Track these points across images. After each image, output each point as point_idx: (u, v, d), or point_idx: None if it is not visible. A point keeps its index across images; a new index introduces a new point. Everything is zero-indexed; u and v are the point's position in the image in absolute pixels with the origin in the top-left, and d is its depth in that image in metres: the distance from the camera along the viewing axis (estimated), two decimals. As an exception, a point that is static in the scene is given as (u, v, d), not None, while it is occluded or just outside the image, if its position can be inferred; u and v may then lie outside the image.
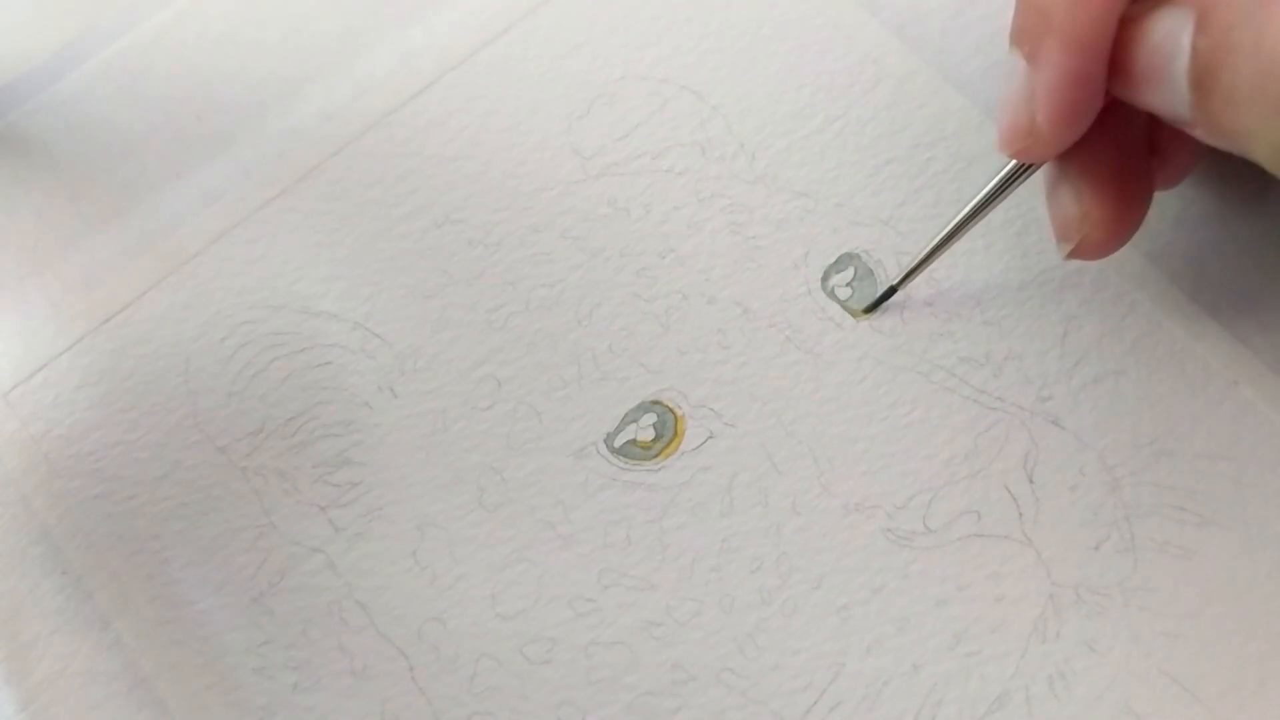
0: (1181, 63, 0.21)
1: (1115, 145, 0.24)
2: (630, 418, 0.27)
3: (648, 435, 0.27)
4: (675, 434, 0.27)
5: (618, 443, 0.27)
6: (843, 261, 0.28)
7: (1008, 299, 0.28)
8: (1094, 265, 0.28)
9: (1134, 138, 0.25)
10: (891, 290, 0.28)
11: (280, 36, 0.32)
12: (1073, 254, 0.25)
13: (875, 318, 0.28)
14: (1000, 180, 0.25)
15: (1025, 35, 0.22)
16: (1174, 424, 0.27)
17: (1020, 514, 0.26)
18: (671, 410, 0.27)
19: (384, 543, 0.27)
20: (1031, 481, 0.26)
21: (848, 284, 0.28)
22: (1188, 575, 0.25)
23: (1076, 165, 0.25)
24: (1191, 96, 0.21)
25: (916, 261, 0.27)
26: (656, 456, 0.27)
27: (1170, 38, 0.21)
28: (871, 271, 0.28)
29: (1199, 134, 0.22)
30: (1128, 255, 0.28)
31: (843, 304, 0.28)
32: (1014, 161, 0.25)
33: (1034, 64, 0.22)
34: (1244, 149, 0.21)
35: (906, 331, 0.28)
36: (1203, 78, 0.20)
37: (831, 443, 0.27)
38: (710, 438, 0.27)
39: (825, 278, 0.28)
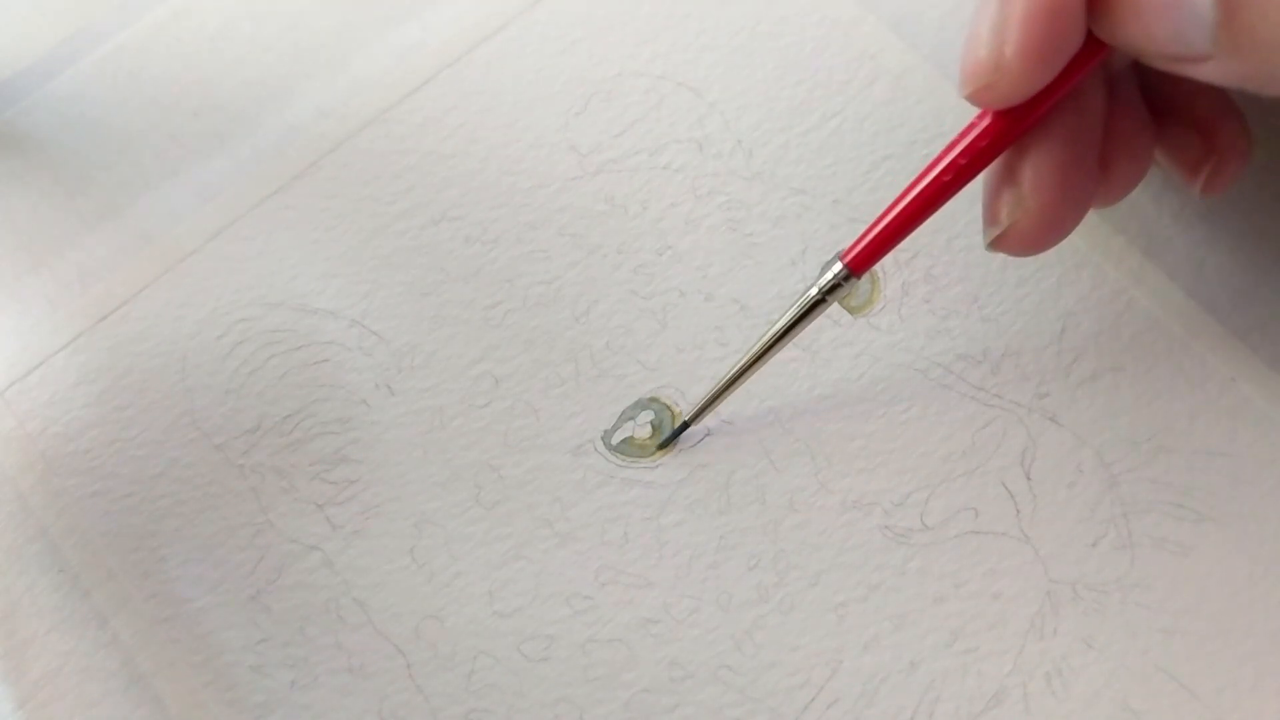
0: None
1: (1069, 140, 0.23)
2: (628, 415, 0.27)
3: (645, 432, 0.27)
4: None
5: (615, 440, 0.27)
6: (840, 258, 0.28)
7: (1005, 296, 0.28)
8: (1092, 260, 0.28)
9: (1089, 139, 0.24)
10: (685, 425, 0.27)
11: (277, 33, 0.32)
12: (996, 242, 0.24)
13: (871, 315, 0.28)
14: (799, 309, 0.25)
15: None
16: (1172, 420, 0.27)
17: (1018, 511, 0.26)
18: (669, 407, 0.27)
19: (381, 540, 0.27)
20: (1029, 478, 0.26)
21: (845, 281, 0.28)
22: (1185, 572, 0.25)
23: (1023, 152, 0.23)
24: (1216, 17, 0.19)
25: (711, 395, 0.26)
26: (654, 454, 0.27)
27: None
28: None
29: (1210, 70, 0.20)
30: (1126, 251, 0.28)
31: (840, 302, 0.28)
32: (814, 290, 0.25)
33: None
34: None
35: (904, 329, 0.28)
36: None
37: (829, 440, 0.27)
38: (708, 435, 0.27)
39: (823, 274, 0.28)
